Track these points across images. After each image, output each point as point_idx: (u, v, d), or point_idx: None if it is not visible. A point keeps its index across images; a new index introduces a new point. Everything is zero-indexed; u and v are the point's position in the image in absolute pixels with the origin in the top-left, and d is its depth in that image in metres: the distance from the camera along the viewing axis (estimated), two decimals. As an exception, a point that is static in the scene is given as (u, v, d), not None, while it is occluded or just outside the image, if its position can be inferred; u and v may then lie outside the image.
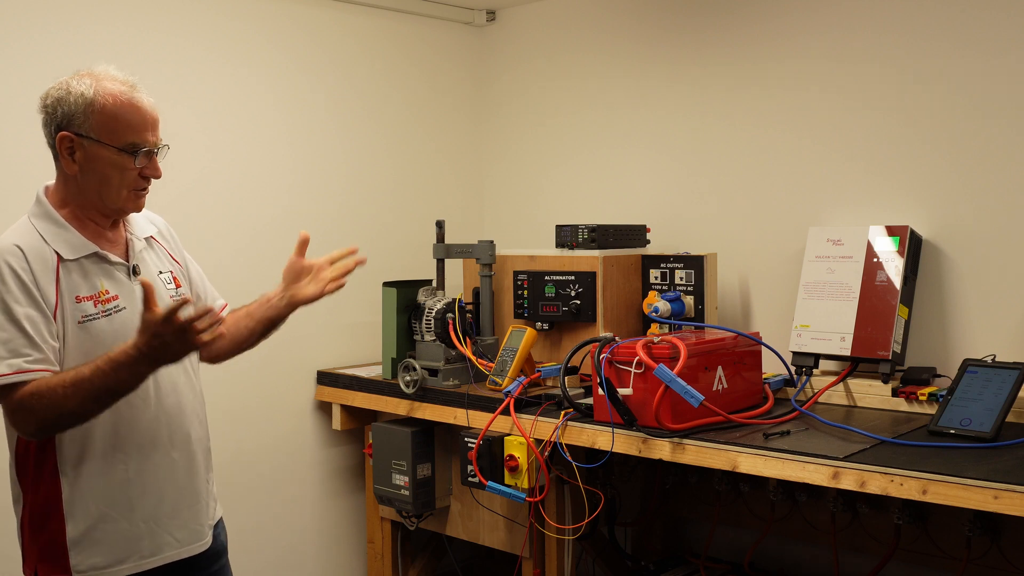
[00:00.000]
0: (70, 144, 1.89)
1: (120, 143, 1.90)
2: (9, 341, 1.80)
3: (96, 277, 1.92)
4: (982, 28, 2.69)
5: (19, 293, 1.82)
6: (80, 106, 1.88)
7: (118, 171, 1.91)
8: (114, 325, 1.91)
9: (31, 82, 2.79)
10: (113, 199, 1.93)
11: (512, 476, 2.70)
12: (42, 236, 1.89)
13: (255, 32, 3.27)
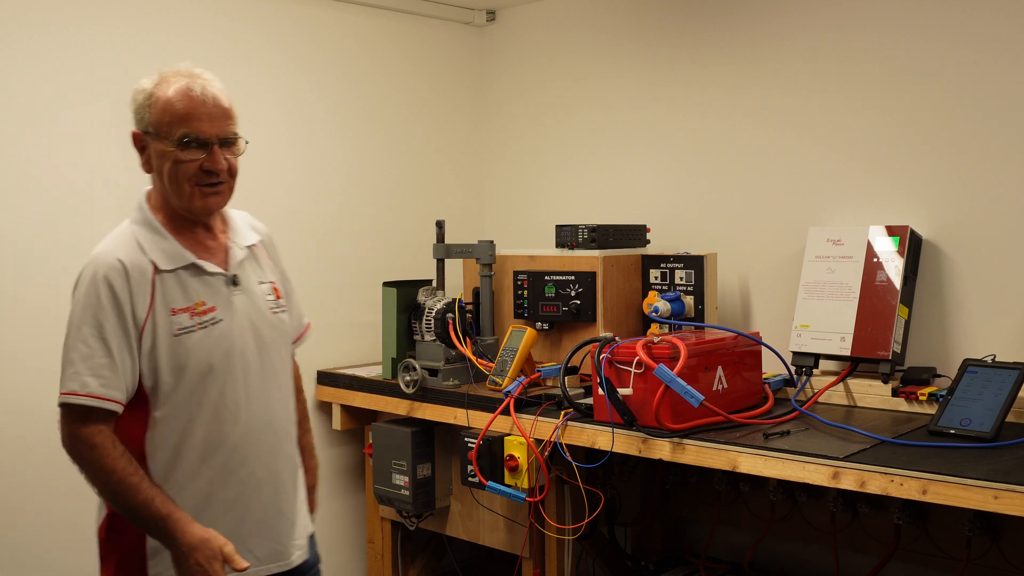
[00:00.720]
0: (140, 142, 1.87)
1: (174, 135, 1.83)
2: (90, 358, 1.76)
3: (193, 288, 1.86)
4: (982, 28, 2.69)
5: (111, 312, 1.78)
6: (142, 102, 1.85)
7: (174, 165, 1.84)
8: (211, 337, 1.86)
9: (31, 82, 2.80)
10: (180, 196, 1.86)
11: (512, 476, 2.70)
12: (140, 245, 1.85)
13: (255, 32, 3.27)
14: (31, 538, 2.81)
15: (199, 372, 1.84)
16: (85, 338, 1.77)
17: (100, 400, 1.76)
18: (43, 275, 2.82)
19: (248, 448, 1.91)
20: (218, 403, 1.86)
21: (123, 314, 1.78)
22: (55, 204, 2.85)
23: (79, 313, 1.79)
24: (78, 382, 1.75)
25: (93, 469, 1.76)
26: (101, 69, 2.93)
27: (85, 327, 1.77)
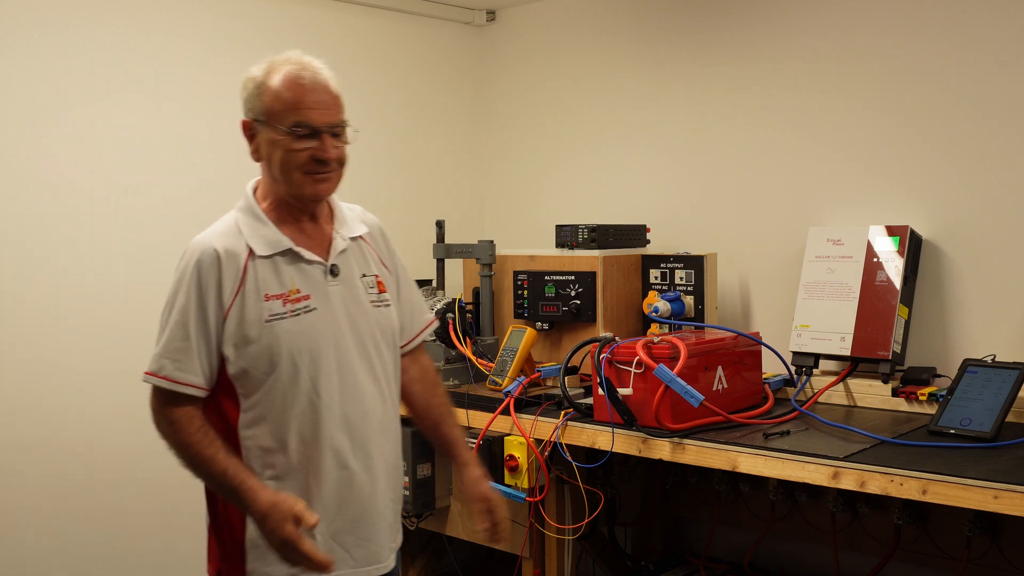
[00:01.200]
0: (250, 131, 1.85)
1: (285, 123, 1.79)
2: (170, 341, 1.78)
3: (288, 275, 1.83)
4: (982, 28, 2.69)
5: (195, 298, 1.79)
6: (252, 90, 1.83)
7: (285, 153, 1.80)
8: (302, 325, 1.82)
9: (30, 82, 2.79)
10: (289, 184, 1.83)
11: (512, 476, 2.70)
12: (240, 231, 1.85)
13: (255, 32, 3.27)
14: (31, 538, 2.81)
15: (291, 360, 1.80)
16: (169, 321, 1.79)
17: (173, 383, 1.77)
18: (42, 274, 2.82)
19: (343, 442, 1.85)
20: (311, 394, 1.82)
21: (206, 300, 1.78)
22: (54, 204, 2.85)
23: (169, 297, 1.82)
24: (157, 363, 1.78)
25: (172, 444, 1.80)
26: (100, 69, 2.92)
27: (171, 311, 1.80)
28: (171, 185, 3.09)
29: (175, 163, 3.10)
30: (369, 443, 1.89)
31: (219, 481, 1.77)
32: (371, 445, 1.90)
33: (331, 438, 1.83)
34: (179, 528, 3.09)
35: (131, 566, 3.01)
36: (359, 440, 1.88)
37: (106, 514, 2.95)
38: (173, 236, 3.06)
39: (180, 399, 1.79)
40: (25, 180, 2.80)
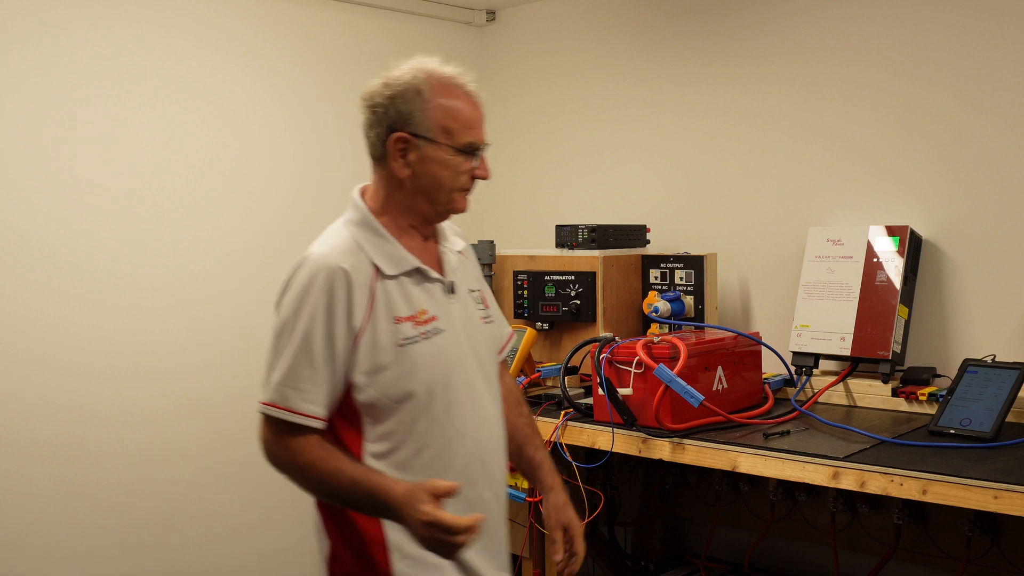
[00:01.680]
0: (404, 146, 1.72)
1: (458, 143, 1.72)
2: (294, 368, 1.64)
3: (415, 296, 1.73)
4: (982, 29, 2.69)
5: (323, 320, 1.65)
6: (416, 104, 1.71)
7: (452, 173, 1.74)
8: (432, 349, 1.71)
9: (29, 82, 2.79)
10: (437, 203, 1.77)
11: (512, 476, 2.70)
12: (361, 247, 1.71)
13: (254, 32, 3.27)
14: (29, 538, 2.81)
15: (425, 387, 1.69)
16: (289, 345, 1.65)
17: (297, 415, 1.64)
18: (46, 273, 2.82)
19: (476, 468, 1.76)
20: (444, 420, 1.71)
21: (334, 324, 1.65)
22: (58, 202, 2.84)
23: (287, 318, 1.68)
24: (278, 392, 1.64)
25: (293, 471, 1.66)
26: (100, 69, 2.92)
27: (291, 334, 1.66)
28: (168, 185, 3.09)
29: (172, 164, 3.10)
30: (496, 467, 1.82)
31: (350, 491, 1.64)
32: (497, 468, 1.82)
33: (464, 466, 1.74)
34: (185, 528, 3.10)
35: (136, 567, 3.00)
36: (488, 465, 1.79)
37: (111, 515, 2.95)
38: (179, 235, 3.08)
39: (299, 430, 1.65)
40: (24, 180, 2.80)
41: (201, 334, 3.14)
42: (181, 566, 3.11)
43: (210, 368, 3.17)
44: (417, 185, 1.75)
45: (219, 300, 3.18)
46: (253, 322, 3.27)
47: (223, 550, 3.21)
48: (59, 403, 2.85)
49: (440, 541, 1.58)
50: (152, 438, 3.04)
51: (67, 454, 2.86)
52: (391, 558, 1.72)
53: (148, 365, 3.02)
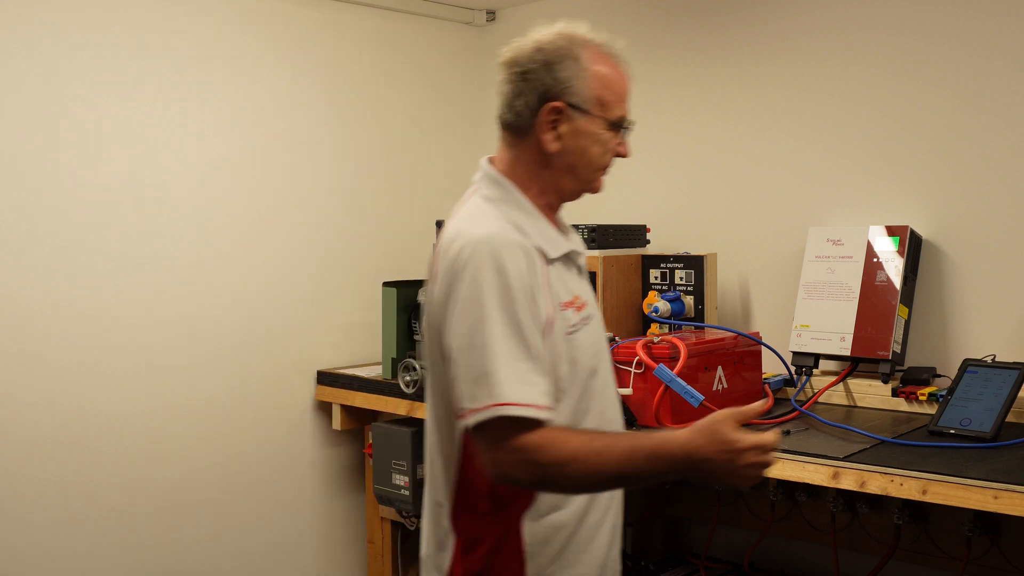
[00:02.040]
0: (556, 117, 1.57)
1: (611, 116, 1.60)
2: (517, 362, 1.45)
3: (568, 280, 1.60)
4: (982, 28, 2.69)
5: (525, 305, 1.47)
6: (573, 71, 1.58)
7: (602, 149, 1.61)
8: (589, 337, 1.59)
9: (27, 83, 2.79)
10: (581, 180, 1.63)
11: (512, 476, 2.69)
12: (519, 228, 1.55)
13: (254, 32, 3.27)
14: (29, 538, 2.81)
15: (584, 377, 1.58)
16: (505, 338, 1.45)
17: (537, 409, 1.45)
18: (43, 273, 2.82)
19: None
20: (600, 411, 1.62)
21: (534, 310, 1.48)
22: (57, 201, 2.84)
23: (492, 309, 1.46)
24: (512, 389, 1.43)
25: (553, 472, 1.44)
26: (100, 70, 2.92)
27: (502, 326, 1.45)
28: (165, 185, 3.09)
29: (171, 164, 3.10)
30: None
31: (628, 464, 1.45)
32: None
33: None
34: (185, 528, 3.10)
35: (135, 567, 3.00)
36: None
37: (111, 514, 2.95)
38: (177, 235, 3.08)
39: (537, 427, 1.45)
40: (23, 180, 2.80)
41: (201, 333, 3.14)
42: (181, 566, 3.11)
43: (210, 367, 3.17)
44: (563, 161, 1.60)
45: (219, 299, 3.19)
46: (253, 321, 3.27)
47: (223, 550, 3.21)
48: (58, 402, 2.85)
49: (759, 464, 1.45)
50: (151, 438, 3.04)
51: (66, 453, 2.86)
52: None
53: (147, 364, 3.02)
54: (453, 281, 1.50)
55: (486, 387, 1.44)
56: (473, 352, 1.46)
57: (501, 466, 1.46)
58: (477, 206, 1.59)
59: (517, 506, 1.56)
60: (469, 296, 1.47)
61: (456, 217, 1.60)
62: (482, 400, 1.44)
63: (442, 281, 1.52)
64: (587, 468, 1.44)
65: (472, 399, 1.45)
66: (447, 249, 1.53)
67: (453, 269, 1.50)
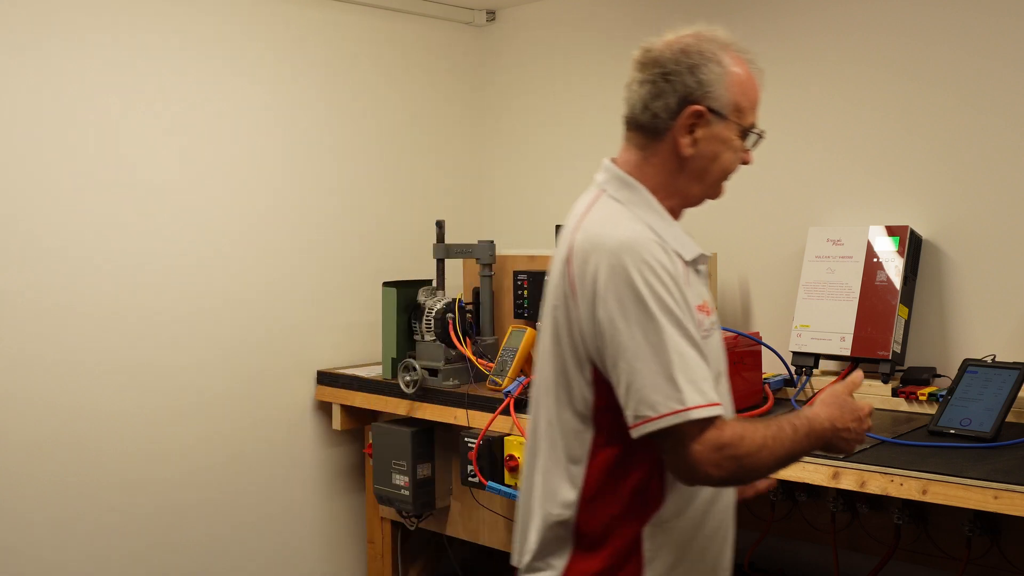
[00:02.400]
0: (695, 121, 1.56)
1: (744, 123, 1.60)
2: (689, 363, 1.44)
3: (698, 284, 1.59)
4: (982, 28, 2.69)
5: (682, 305, 1.46)
6: (717, 76, 1.56)
7: (733, 156, 1.61)
8: (716, 341, 1.60)
9: (26, 83, 2.79)
10: (708, 187, 1.63)
11: (512, 476, 2.70)
12: (653, 230, 1.53)
13: (254, 33, 3.27)
14: (29, 538, 2.81)
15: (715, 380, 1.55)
16: (672, 339, 1.44)
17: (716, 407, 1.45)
18: (42, 273, 2.82)
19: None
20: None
21: (688, 308, 1.48)
22: (57, 201, 2.85)
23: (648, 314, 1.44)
24: (699, 392, 1.43)
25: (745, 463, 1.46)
26: (96, 71, 2.92)
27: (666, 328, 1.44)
28: (163, 186, 3.09)
29: (170, 165, 3.10)
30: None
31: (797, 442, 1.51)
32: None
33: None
34: (184, 528, 3.10)
35: (135, 566, 3.00)
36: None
37: (111, 514, 2.95)
38: (176, 234, 3.08)
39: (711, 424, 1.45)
40: (23, 179, 2.80)
41: (201, 333, 3.14)
42: (180, 566, 3.11)
43: (210, 367, 3.17)
44: (695, 165, 1.59)
45: (219, 299, 3.19)
46: (253, 321, 3.27)
47: (223, 550, 3.21)
48: (58, 402, 2.85)
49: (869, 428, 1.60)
50: (151, 438, 3.04)
51: (66, 453, 2.86)
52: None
53: (147, 364, 3.02)
54: (605, 289, 1.47)
55: (668, 393, 1.43)
56: (645, 359, 1.44)
57: (701, 466, 1.44)
58: (609, 208, 1.57)
59: (646, 511, 1.55)
60: (627, 304, 1.45)
61: (586, 219, 1.58)
62: (666, 406, 1.43)
63: (590, 289, 1.49)
64: (773, 452, 1.49)
65: (652, 407, 1.44)
66: (588, 254, 1.50)
67: (601, 277, 1.47)
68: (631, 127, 1.63)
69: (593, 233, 1.52)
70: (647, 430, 1.45)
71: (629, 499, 1.55)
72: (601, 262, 1.47)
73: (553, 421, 1.60)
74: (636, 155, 1.62)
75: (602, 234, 1.51)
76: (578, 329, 1.52)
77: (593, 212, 1.58)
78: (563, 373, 1.57)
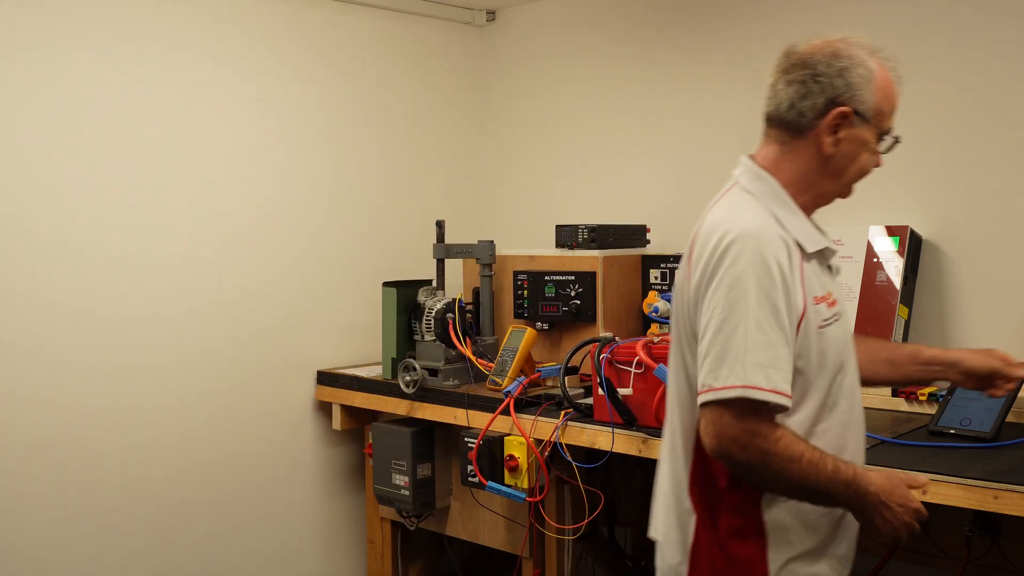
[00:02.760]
0: (840, 122, 1.62)
1: (883, 127, 1.68)
2: (769, 347, 1.50)
3: (822, 276, 1.64)
4: (981, 28, 2.69)
5: (782, 297, 1.52)
6: (865, 80, 1.64)
7: (869, 158, 1.67)
8: (839, 333, 1.63)
9: (26, 84, 2.79)
10: (844, 185, 1.68)
11: (512, 476, 2.70)
12: (779, 221, 1.60)
13: (254, 33, 3.27)
14: (28, 538, 2.81)
15: (832, 372, 1.61)
16: (762, 324, 1.50)
17: (785, 398, 1.50)
18: (41, 272, 2.82)
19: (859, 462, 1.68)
20: (848, 408, 1.65)
21: (790, 300, 1.53)
22: (56, 201, 2.85)
23: (750, 294, 1.51)
24: (762, 375, 1.48)
25: (769, 462, 1.51)
26: (96, 71, 2.92)
27: (761, 311, 1.50)
28: (162, 187, 3.09)
29: (168, 166, 3.10)
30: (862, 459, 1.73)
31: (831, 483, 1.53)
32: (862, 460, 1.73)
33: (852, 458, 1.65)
34: (184, 527, 3.10)
35: (135, 566, 3.00)
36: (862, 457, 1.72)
37: (111, 514, 2.95)
38: (175, 234, 3.08)
39: (771, 411, 1.52)
40: (22, 180, 2.80)
41: (201, 333, 3.15)
42: (180, 565, 3.11)
43: (210, 367, 3.17)
44: (834, 165, 1.65)
45: (219, 298, 3.19)
46: (253, 321, 3.27)
47: (223, 550, 3.21)
48: (58, 402, 2.85)
49: (911, 528, 1.58)
50: (151, 438, 3.04)
51: (66, 453, 2.86)
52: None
53: (147, 364, 3.02)
54: (714, 267, 1.55)
55: (735, 367, 1.50)
56: (726, 332, 1.51)
57: (725, 440, 1.51)
58: (739, 198, 1.64)
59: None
60: (730, 281, 1.52)
61: (716, 207, 1.65)
62: (729, 379, 1.50)
63: (702, 267, 1.57)
64: (801, 471, 1.51)
65: (717, 377, 1.51)
66: (708, 237, 1.58)
67: (714, 255, 1.55)
68: (773, 124, 1.72)
69: (719, 218, 1.60)
70: (707, 398, 1.52)
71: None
72: (718, 244, 1.55)
73: (674, 394, 1.72)
74: (775, 151, 1.70)
75: (726, 219, 1.58)
76: (689, 306, 1.61)
77: (723, 201, 1.66)
78: (680, 348, 1.67)
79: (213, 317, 3.17)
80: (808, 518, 1.62)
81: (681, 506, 1.69)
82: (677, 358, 1.69)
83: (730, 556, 1.61)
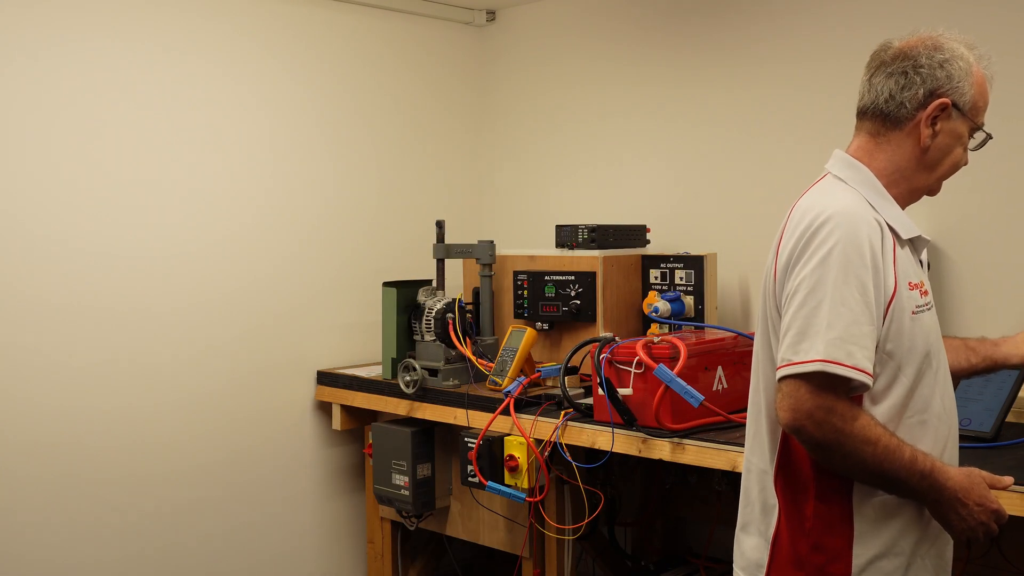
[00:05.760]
0: (940, 113, 1.63)
1: (977, 122, 1.69)
2: (854, 324, 1.49)
3: (915, 264, 1.64)
4: (981, 28, 2.69)
5: (871, 277, 1.51)
6: (965, 73, 1.66)
7: (961, 151, 1.67)
8: (930, 321, 1.62)
9: (25, 84, 2.79)
10: (936, 179, 1.68)
11: (512, 476, 2.70)
12: (872, 207, 1.60)
13: (254, 33, 3.27)
14: (29, 537, 2.81)
15: (919, 358, 1.58)
16: (847, 300, 1.49)
17: (865, 375, 1.49)
18: (40, 272, 2.82)
19: (952, 457, 1.66)
20: (940, 396, 1.63)
21: (879, 281, 1.53)
22: (55, 201, 2.85)
23: (837, 271, 1.50)
24: (842, 349, 1.47)
25: (844, 443, 1.49)
26: (96, 72, 2.92)
27: (847, 288, 1.50)
28: (162, 188, 3.09)
29: (168, 166, 3.10)
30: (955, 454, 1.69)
31: (907, 472, 1.51)
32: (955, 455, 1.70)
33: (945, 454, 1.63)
34: (183, 526, 3.10)
35: (134, 565, 3.00)
36: (953, 456, 1.68)
37: (111, 514, 2.95)
38: (173, 233, 3.08)
39: (851, 389, 1.51)
40: (21, 180, 2.80)
41: (201, 333, 3.15)
42: (180, 565, 3.11)
43: (210, 367, 3.17)
44: (929, 157, 1.66)
45: (219, 299, 3.19)
46: (253, 321, 3.27)
47: (223, 549, 3.21)
48: (57, 402, 2.85)
49: (989, 529, 1.56)
50: (151, 438, 3.04)
51: (66, 453, 2.86)
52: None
53: (147, 364, 3.02)
54: (804, 244, 1.55)
55: (816, 342, 1.49)
56: (810, 307, 1.51)
57: (800, 415, 1.50)
58: (830, 184, 1.66)
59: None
60: (820, 257, 1.52)
61: (807, 194, 1.66)
62: (810, 353, 1.49)
63: (791, 246, 1.57)
64: (876, 456, 1.50)
65: (797, 351, 1.51)
66: (800, 220, 1.58)
67: (805, 234, 1.55)
68: (868, 116, 1.74)
69: (812, 202, 1.60)
70: (787, 372, 1.51)
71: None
72: (811, 224, 1.55)
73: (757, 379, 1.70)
74: (868, 142, 1.71)
75: (819, 201, 1.58)
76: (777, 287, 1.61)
77: (815, 188, 1.67)
78: (765, 334, 1.66)
79: (213, 317, 3.17)
80: (902, 515, 1.59)
81: (765, 495, 1.66)
82: (764, 346, 1.68)
83: (815, 545, 1.58)
